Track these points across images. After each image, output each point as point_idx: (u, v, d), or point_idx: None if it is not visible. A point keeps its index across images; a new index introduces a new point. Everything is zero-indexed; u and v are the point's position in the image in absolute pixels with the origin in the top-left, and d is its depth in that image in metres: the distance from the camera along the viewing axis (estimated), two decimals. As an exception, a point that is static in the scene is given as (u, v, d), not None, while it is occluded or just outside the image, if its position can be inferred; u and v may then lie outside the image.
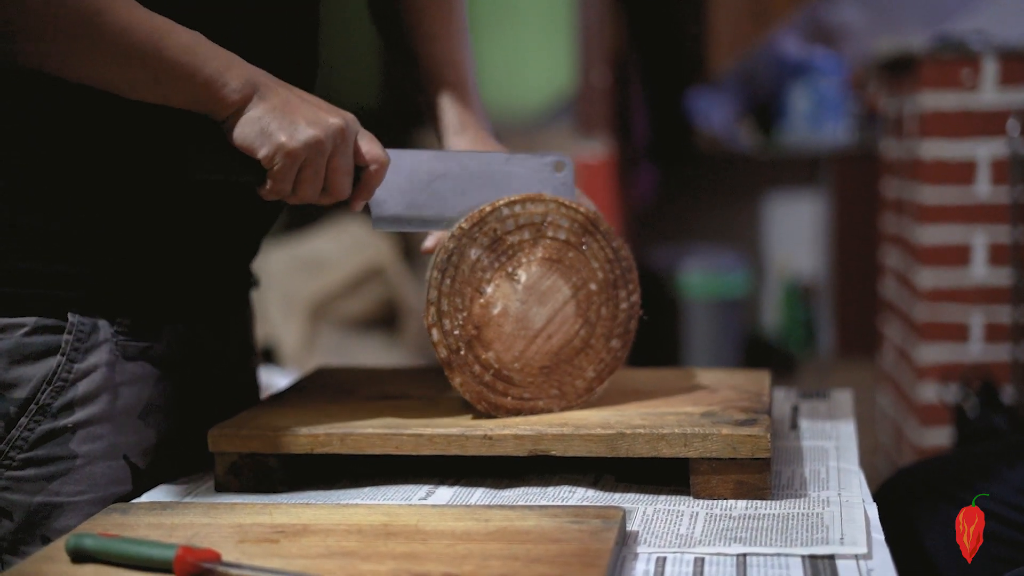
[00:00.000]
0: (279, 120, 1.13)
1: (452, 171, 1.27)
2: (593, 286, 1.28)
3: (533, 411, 1.27)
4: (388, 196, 1.25)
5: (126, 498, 1.22)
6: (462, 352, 1.24)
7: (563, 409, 1.28)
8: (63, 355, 1.19)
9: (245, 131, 1.13)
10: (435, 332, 1.23)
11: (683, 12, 5.43)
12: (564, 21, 4.14)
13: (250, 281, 1.45)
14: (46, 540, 1.18)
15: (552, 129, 4.13)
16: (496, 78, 4.27)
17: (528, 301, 1.26)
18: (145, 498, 1.21)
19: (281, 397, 1.36)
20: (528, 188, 1.28)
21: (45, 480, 1.19)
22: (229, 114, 1.13)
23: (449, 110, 1.42)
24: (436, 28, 1.44)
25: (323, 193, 1.17)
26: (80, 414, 1.20)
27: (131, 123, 1.18)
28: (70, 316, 1.20)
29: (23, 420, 1.18)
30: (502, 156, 1.29)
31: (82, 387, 1.20)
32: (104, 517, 1.08)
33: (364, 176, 1.20)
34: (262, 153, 1.13)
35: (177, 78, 1.10)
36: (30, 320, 1.18)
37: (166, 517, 1.07)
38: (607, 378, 1.30)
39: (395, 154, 1.24)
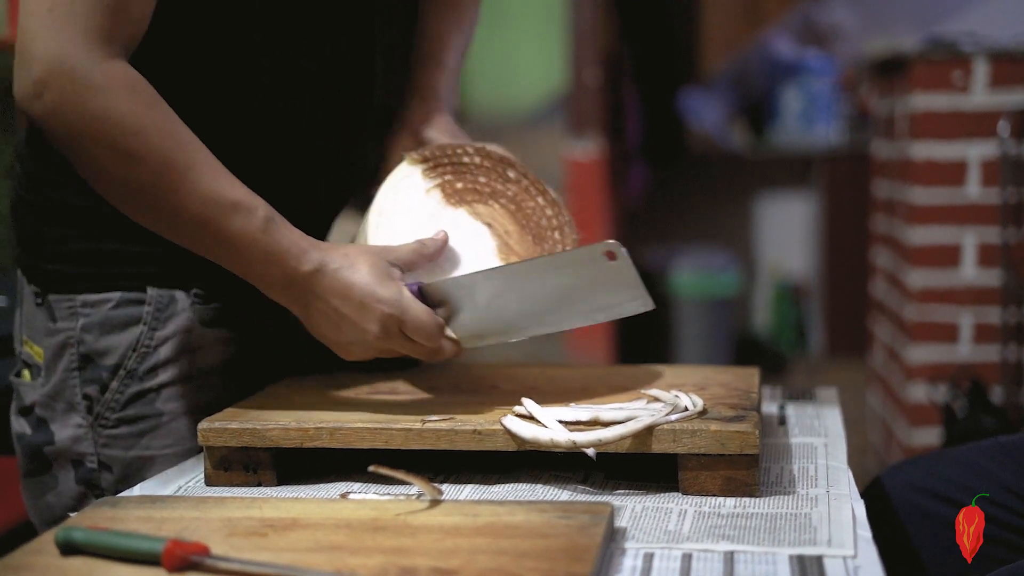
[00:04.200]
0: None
1: (510, 287, 1.23)
2: (510, 227, 1.36)
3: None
4: (461, 324, 1.25)
5: None
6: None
7: None
8: (145, 324, 1.35)
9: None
10: None
11: (675, 12, 5.44)
12: (557, 20, 4.14)
13: None
14: None
15: (544, 128, 4.14)
16: (489, 77, 4.27)
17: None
18: (136, 491, 1.21)
19: (271, 392, 1.36)
20: (582, 287, 1.22)
21: (137, 436, 1.35)
22: None
23: (419, 85, 1.50)
24: (440, 7, 1.55)
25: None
26: (163, 376, 1.35)
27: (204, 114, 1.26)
28: (149, 290, 1.35)
29: (114, 384, 1.34)
30: (546, 260, 1.25)
31: (163, 352, 1.35)
32: (94, 510, 1.08)
33: None
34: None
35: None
36: (115, 295, 1.35)
37: (155, 510, 1.07)
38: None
39: (445, 284, 1.23)
